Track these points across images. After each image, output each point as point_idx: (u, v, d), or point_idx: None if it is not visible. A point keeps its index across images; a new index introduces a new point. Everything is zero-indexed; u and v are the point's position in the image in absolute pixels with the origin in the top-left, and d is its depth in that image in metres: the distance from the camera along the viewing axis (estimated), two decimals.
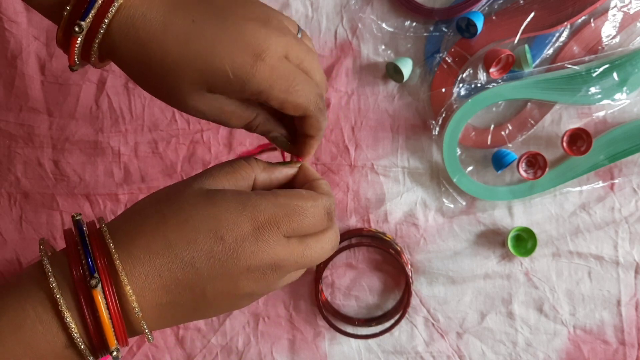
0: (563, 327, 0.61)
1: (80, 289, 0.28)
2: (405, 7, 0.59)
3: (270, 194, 0.32)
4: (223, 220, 0.30)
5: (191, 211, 0.30)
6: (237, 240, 0.30)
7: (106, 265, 0.29)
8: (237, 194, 0.31)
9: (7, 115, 0.62)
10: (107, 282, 0.28)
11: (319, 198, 0.34)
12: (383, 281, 0.62)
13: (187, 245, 0.29)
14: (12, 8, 0.60)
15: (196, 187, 0.32)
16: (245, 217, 0.30)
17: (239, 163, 0.35)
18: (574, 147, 0.58)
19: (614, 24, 0.57)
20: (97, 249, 0.29)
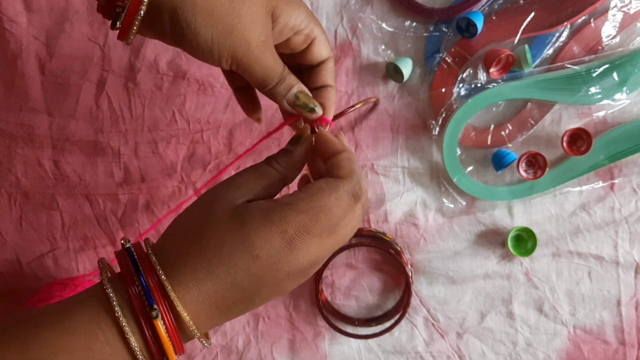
0: (563, 327, 0.61)
1: (143, 318, 0.31)
2: (405, 7, 0.59)
3: (294, 200, 0.33)
4: (255, 240, 0.32)
5: (225, 235, 0.32)
6: (272, 255, 0.32)
7: (162, 296, 0.31)
8: (263, 210, 0.33)
9: (7, 116, 0.62)
10: (165, 311, 0.31)
11: (340, 186, 0.34)
12: (383, 281, 0.62)
13: (227, 268, 0.32)
14: (12, 8, 0.60)
15: (225, 206, 0.33)
16: (275, 232, 0.32)
17: (262, 168, 0.36)
18: (574, 147, 0.58)
19: (614, 24, 0.57)
20: (151, 279, 0.32)
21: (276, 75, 0.38)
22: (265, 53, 0.36)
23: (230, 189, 0.34)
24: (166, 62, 0.61)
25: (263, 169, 0.36)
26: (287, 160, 0.37)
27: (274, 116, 0.61)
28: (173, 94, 0.61)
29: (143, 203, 0.63)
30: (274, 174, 0.36)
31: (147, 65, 0.61)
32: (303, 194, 0.33)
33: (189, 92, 0.61)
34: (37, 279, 0.62)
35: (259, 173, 0.36)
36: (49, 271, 0.63)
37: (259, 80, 0.37)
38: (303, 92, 0.40)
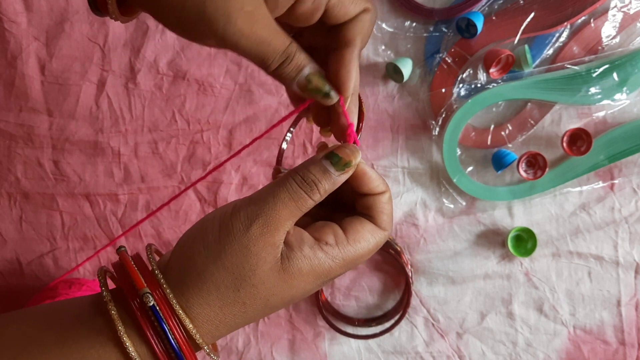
0: (563, 327, 0.61)
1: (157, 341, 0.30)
2: (405, 7, 0.59)
3: (340, 255, 0.32)
4: (298, 295, 0.32)
5: (272, 298, 0.31)
6: (304, 295, 0.33)
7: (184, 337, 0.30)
8: (311, 267, 0.31)
9: (7, 116, 0.62)
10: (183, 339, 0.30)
11: (384, 239, 0.34)
12: (383, 281, 0.62)
13: (263, 316, 0.33)
14: (12, 8, 0.60)
15: (271, 262, 0.31)
16: (316, 285, 0.32)
17: (302, 200, 0.32)
18: (574, 147, 0.58)
19: (614, 24, 0.57)
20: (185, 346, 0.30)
21: (276, 52, 0.31)
22: (254, 25, 0.30)
23: (269, 234, 0.30)
24: (166, 62, 0.61)
25: (303, 202, 0.31)
26: (329, 190, 0.32)
27: (273, 116, 0.61)
28: (173, 94, 0.61)
29: (143, 203, 0.63)
30: (311, 206, 0.32)
31: (147, 66, 0.61)
32: (351, 246, 0.32)
33: (189, 92, 0.61)
34: (37, 279, 0.62)
35: (299, 208, 0.31)
36: (49, 271, 0.63)
37: (253, 58, 0.31)
38: (316, 74, 0.33)
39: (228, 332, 0.32)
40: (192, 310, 0.30)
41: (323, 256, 0.31)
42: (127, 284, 0.31)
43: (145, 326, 0.30)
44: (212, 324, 0.31)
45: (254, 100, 0.61)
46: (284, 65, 0.32)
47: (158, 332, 0.30)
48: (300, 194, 0.31)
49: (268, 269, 0.30)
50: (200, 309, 0.30)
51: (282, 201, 0.31)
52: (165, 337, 0.30)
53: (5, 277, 0.64)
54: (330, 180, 0.32)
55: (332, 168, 0.32)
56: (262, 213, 0.30)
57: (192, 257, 0.31)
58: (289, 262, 0.31)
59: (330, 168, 0.32)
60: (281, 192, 0.31)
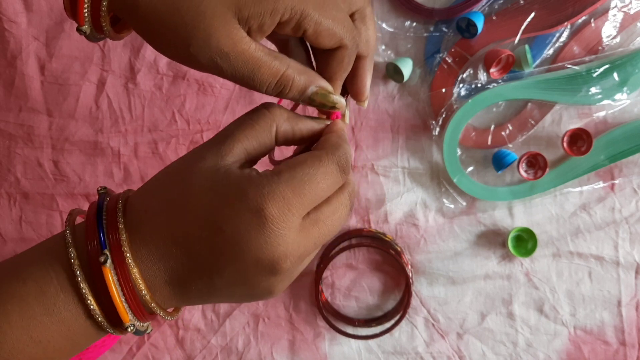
0: (563, 328, 0.61)
1: (93, 265, 0.29)
2: (406, 7, 0.59)
3: (273, 172, 0.29)
4: (223, 211, 0.28)
5: (194, 200, 0.29)
6: (239, 232, 0.28)
7: (118, 243, 0.29)
8: (239, 179, 0.28)
9: (6, 116, 0.61)
10: (118, 261, 0.29)
11: (324, 155, 0.30)
12: (383, 282, 0.62)
13: (185, 235, 0.29)
14: (11, 8, 0.60)
15: (209, 165, 0.29)
16: (247, 205, 0.27)
17: (258, 114, 0.31)
18: (575, 148, 0.58)
19: (614, 24, 0.57)
20: (111, 227, 0.29)
21: (268, 81, 0.31)
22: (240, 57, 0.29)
23: (215, 140, 0.30)
24: (166, 62, 0.61)
25: (257, 114, 0.31)
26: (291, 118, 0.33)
27: None
28: (173, 94, 0.61)
29: None
30: (269, 122, 0.32)
31: (147, 66, 0.61)
32: (283, 165, 0.29)
33: (189, 92, 0.61)
34: None
35: (251, 120, 0.31)
36: None
37: (246, 85, 0.31)
38: (318, 92, 0.33)
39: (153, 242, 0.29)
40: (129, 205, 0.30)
41: (255, 173, 0.29)
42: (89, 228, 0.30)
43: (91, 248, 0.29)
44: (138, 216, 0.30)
45: (254, 101, 0.61)
46: (284, 92, 0.32)
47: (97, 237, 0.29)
48: (258, 107, 0.32)
49: (202, 169, 0.29)
50: (136, 204, 0.30)
51: (237, 118, 0.32)
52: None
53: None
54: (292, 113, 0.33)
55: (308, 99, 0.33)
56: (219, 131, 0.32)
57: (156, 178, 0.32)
58: (223, 174, 0.29)
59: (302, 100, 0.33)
60: None
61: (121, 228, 0.29)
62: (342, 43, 0.32)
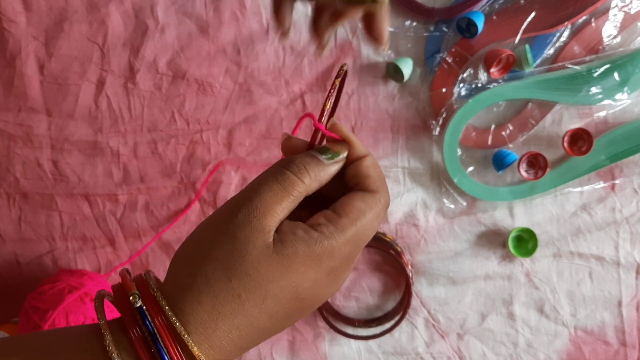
0: (564, 328, 0.61)
1: None
2: (406, 7, 0.59)
3: (337, 231, 0.29)
4: (303, 284, 0.29)
5: (269, 286, 0.28)
6: (317, 294, 0.30)
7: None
8: (307, 245, 0.29)
9: (6, 116, 0.61)
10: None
11: (378, 203, 0.31)
12: (383, 282, 0.62)
13: (269, 318, 0.29)
14: (11, 8, 0.59)
15: (261, 247, 0.28)
16: (323, 272, 0.29)
17: (289, 182, 0.30)
18: (575, 147, 0.58)
19: (614, 24, 0.57)
20: (169, 342, 0.27)
21: None
22: None
23: (255, 218, 0.29)
24: (165, 62, 0.61)
25: (289, 183, 0.30)
26: (317, 176, 0.31)
27: (273, 116, 0.61)
28: (172, 94, 0.61)
29: (142, 203, 0.62)
30: (302, 190, 0.30)
31: (147, 65, 0.61)
32: (344, 219, 0.30)
33: (189, 92, 0.61)
34: (36, 280, 0.62)
35: (286, 190, 0.29)
36: (48, 272, 0.63)
37: None
38: None
39: (233, 343, 0.28)
40: (183, 313, 0.27)
41: (317, 235, 0.29)
42: (123, 305, 0.28)
43: (138, 346, 0.27)
44: (206, 327, 0.27)
45: (254, 100, 0.61)
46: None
47: (153, 354, 0.27)
48: (287, 175, 0.30)
49: (258, 253, 0.28)
50: (191, 310, 0.27)
51: (267, 185, 0.29)
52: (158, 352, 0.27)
53: (4, 277, 0.64)
54: (318, 162, 0.31)
55: (321, 156, 0.31)
56: (248, 199, 0.29)
57: (184, 261, 0.29)
58: (282, 245, 0.28)
59: (318, 155, 0.31)
60: (267, 176, 0.30)
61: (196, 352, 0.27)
62: None
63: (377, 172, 0.32)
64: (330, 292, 0.30)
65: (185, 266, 0.29)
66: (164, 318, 0.27)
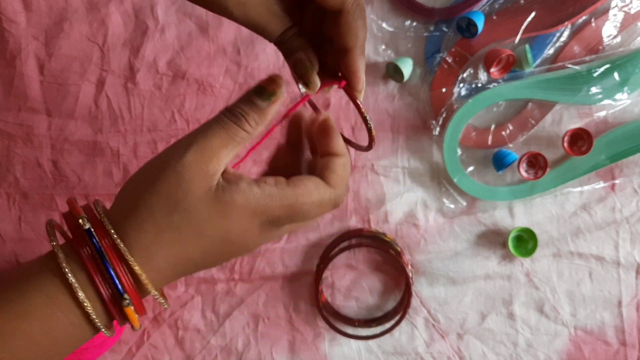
0: (564, 328, 0.61)
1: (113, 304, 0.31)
2: (406, 7, 0.59)
3: (279, 194, 0.32)
4: (235, 229, 0.32)
5: (205, 225, 0.31)
6: (246, 239, 0.33)
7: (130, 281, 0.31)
8: (246, 199, 0.31)
9: (6, 116, 0.61)
10: (124, 273, 0.30)
11: (328, 195, 0.33)
12: (383, 282, 0.62)
13: (202, 252, 0.32)
14: (11, 8, 0.59)
15: (204, 188, 0.31)
16: (254, 224, 0.32)
17: (233, 129, 0.33)
18: (575, 147, 0.58)
19: (614, 24, 0.57)
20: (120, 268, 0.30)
21: (271, 37, 0.34)
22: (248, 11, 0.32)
23: (202, 161, 0.31)
24: (165, 62, 0.61)
25: (233, 130, 0.32)
26: (259, 120, 0.34)
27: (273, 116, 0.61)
28: (172, 94, 0.61)
29: None
30: (244, 137, 0.33)
31: (147, 65, 0.61)
32: (290, 189, 0.32)
33: (189, 92, 0.61)
34: None
35: (229, 136, 0.32)
36: None
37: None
38: (301, 62, 0.36)
39: (170, 268, 0.32)
40: (128, 236, 0.30)
41: (258, 191, 0.32)
42: (73, 228, 0.31)
43: (88, 263, 0.30)
44: (148, 251, 0.31)
45: None
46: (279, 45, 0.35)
47: (101, 269, 0.30)
48: (229, 123, 0.32)
49: (201, 194, 0.31)
50: (135, 234, 0.30)
51: (212, 130, 0.32)
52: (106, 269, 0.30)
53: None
54: (256, 109, 0.33)
55: (258, 99, 0.34)
56: (194, 142, 0.31)
57: (131, 192, 0.32)
58: (222, 192, 0.31)
59: (256, 100, 0.34)
60: (212, 123, 0.32)
61: (134, 265, 0.30)
62: (345, 7, 0.33)
63: (344, 172, 0.35)
64: (258, 243, 0.33)
65: (132, 196, 0.32)
66: (110, 240, 0.30)
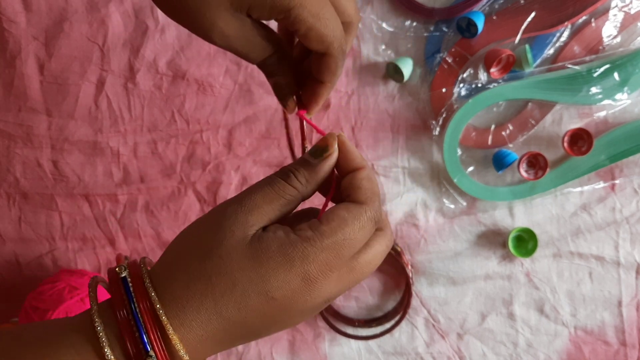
0: (564, 328, 0.61)
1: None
2: (406, 7, 0.59)
3: (316, 236, 0.30)
4: (272, 282, 0.29)
5: (238, 274, 0.29)
6: (289, 297, 0.30)
7: (159, 338, 0.29)
8: (282, 246, 0.30)
9: (6, 116, 0.61)
10: (160, 350, 0.29)
11: (363, 213, 0.31)
12: (383, 282, 0.62)
13: (237, 310, 0.29)
14: (11, 8, 0.59)
15: (239, 235, 0.30)
16: (295, 274, 0.30)
17: (280, 186, 0.32)
18: (575, 147, 0.58)
19: (614, 24, 0.57)
20: (149, 320, 0.29)
21: (254, 62, 0.34)
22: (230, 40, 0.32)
23: (241, 212, 0.30)
24: (165, 62, 0.61)
25: (281, 187, 0.31)
26: (310, 178, 0.32)
27: (273, 116, 0.61)
28: (172, 94, 0.61)
29: (142, 203, 0.62)
30: (293, 194, 0.32)
31: (147, 65, 0.61)
32: (325, 226, 0.30)
33: (189, 92, 0.61)
34: (36, 280, 0.62)
35: (276, 192, 0.31)
36: (48, 272, 0.63)
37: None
38: (280, 85, 0.35)
39: (202, 327, 0.29)
40: (163, 288, 0.29)
41: (294, 237, 0.30)
42: (114, 286, 0.30)
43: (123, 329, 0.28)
44: (178, 302, 0.29)
45: (254, 100, 0.61)
46: (261, 68, 0.35)
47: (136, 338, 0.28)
48: (277, 180, 0.32)
49: (235, 242, 0.29)
50: (168, 284, 0.29)
51: (258, 186, 0.31)
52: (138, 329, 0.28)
53: (4, 278, 0.64)
54: (307, 166, 0.32)
55: (311, 157, 0.33)
56: (239, 196, 0.31)
57: (175, 246, 0.31)
58: (258, 240, 0.30)
59: (308, 158, 0.33)
60: (262, 180, 0.32)
61: (166, 324, 0.29)
62: (329, 50, 0.33)
63: (370, 184, 0.33)
64: (308, 301, 0.30)
65: (174, 249, 0.31)
66: (148, 303, 0.29)
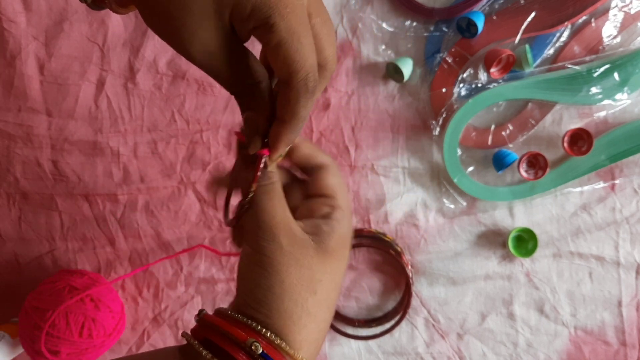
0: (564, 328, 0.61)
1: None
2: (406, 7, 0.59)
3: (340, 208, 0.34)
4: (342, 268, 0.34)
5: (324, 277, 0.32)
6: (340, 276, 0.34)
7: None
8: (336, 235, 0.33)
9: (6, 116, 0.61)
10: None
11: (349, 213, 0.35)
12: (383, 282, 0.62)
13: (327, 307, 0.32)
14: (11, 8, 0.59)
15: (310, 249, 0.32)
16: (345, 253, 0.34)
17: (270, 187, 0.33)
18: (575, 148, 0.58)
19: (614, 24, 0.57)
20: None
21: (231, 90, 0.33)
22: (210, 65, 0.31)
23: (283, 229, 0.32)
24: (165, 62, 0.61)
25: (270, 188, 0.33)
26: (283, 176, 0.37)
27: None
28: (172, 94, 0.61)
29: (142, 203, 0.62)
30: (275, 178, 0.34)
31: (147, 65, 0.61)
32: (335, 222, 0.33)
33: (189, 92, 0.61)
34: (36, 280, 0.62)
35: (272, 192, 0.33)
36: (48, 272, 0.63)
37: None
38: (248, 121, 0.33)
39: (318, 340, 0.32)
40: (295, 344, 0.30)
41: (334, 223, 0.33)
42: (227, 343, 0.29)
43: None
44: (310, 344, 0.31)
45: None
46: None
47: None
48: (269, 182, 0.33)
49: (312, 254, 0.31)
50: (299, 336, 0.30)
51: (264, 202, 0.33)
52: None
53: (4, 277, 0.64)
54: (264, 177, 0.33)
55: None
56: (263, 222, 0.32)
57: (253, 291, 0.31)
58: (319, 244, 0.32)
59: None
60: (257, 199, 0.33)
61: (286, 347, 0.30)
62: (291, 80, 0.29)
63: (338, 182, 0.35)
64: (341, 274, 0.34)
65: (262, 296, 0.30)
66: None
